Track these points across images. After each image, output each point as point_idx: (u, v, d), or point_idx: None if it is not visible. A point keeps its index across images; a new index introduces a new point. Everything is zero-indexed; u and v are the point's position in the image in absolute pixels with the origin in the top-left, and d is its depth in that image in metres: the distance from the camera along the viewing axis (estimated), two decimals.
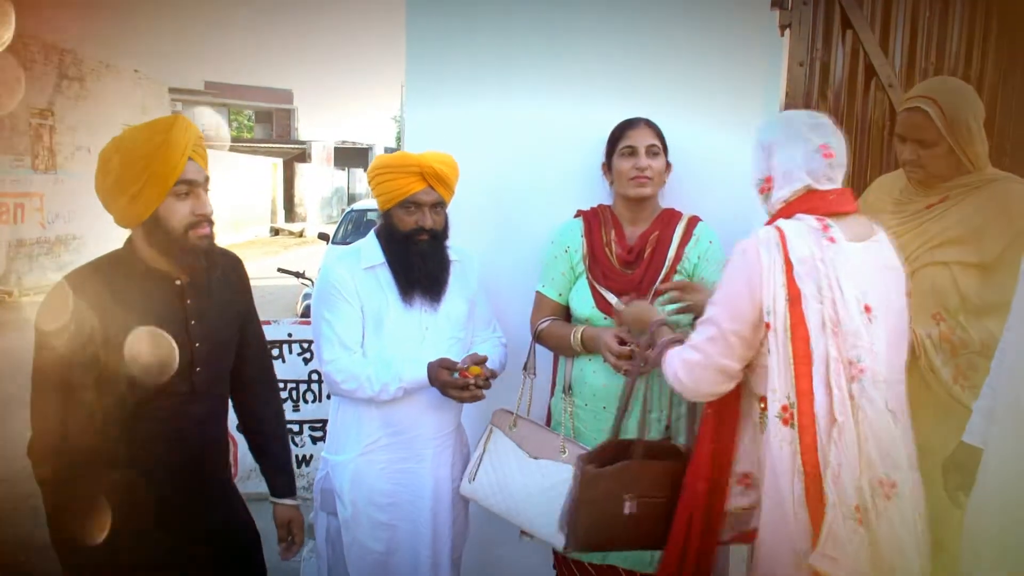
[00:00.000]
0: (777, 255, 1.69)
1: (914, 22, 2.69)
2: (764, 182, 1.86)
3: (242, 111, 36.44)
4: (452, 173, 2.36)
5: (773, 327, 1.68)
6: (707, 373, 1.78)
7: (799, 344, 1.66)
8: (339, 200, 31.08)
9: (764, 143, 1.86)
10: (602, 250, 2.41)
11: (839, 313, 1.65)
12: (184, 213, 1.80)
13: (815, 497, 1.63)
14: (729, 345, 1.75)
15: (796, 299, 1.66)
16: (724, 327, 1.75)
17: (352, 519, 2.37)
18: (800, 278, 1.67)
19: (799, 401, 1.66)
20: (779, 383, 1.69)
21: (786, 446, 1.68)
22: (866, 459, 1.64)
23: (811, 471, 1.64)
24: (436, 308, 2.38)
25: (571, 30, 2.69)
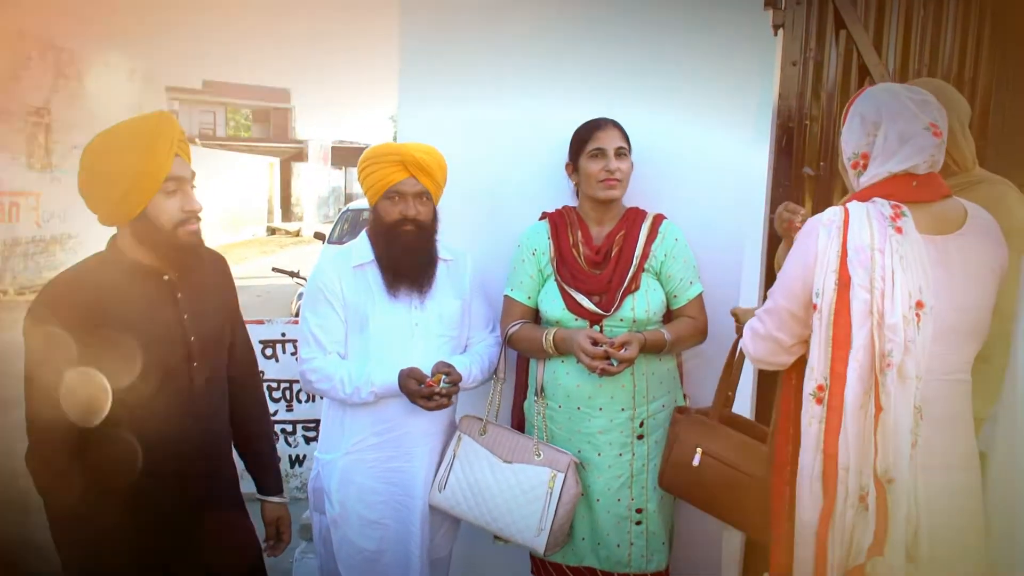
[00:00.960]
0: (836, 239, 1.70)
1: (908, 22, 2.68)
2: (860, 158, 1.80)
3: (239, 110, 36.41)
4: (435, 164, 2.36)
5: (819, 308, 1.71)
6: (765, 344, 1.86)
7: (841, 330, 1.68)
8: (336, 199, 31.08)
9: (868, 117, 1.78)
10: (570, 251, 2.42)
11: (885, 306, 1.65)
12: (173, 210, 1.80)
13: (830, 476, 1.69)
14: (782, 320, 1.81)
15: (846, 285, 1.67)
16: (779, 302, 1.82)
17: (341, 517, 2.37)
18: (853, 265, 1.67)
19: (832, 383, 1.69)
20: (817, 362, 1.72)
21: (815, 423, 1.73)
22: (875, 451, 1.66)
23: (830, 451, 1.69)
24: (425, 304, 2.38)
25: (563, 31, 2.69)
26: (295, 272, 6.73)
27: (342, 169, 32.66)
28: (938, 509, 1.71)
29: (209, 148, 22.99)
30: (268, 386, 4.07)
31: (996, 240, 1.79)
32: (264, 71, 55.53)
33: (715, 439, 2.18)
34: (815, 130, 2.77)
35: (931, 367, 1.68)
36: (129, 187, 1.76)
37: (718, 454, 2.15)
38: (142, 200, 1.77)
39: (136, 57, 16.27)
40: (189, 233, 1.83)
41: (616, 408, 2.36)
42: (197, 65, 31.58)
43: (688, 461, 2.17)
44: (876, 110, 1.77)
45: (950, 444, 1.74)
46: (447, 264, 2.47)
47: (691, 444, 2.18)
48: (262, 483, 2.19)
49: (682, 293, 2.41)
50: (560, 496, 2.27)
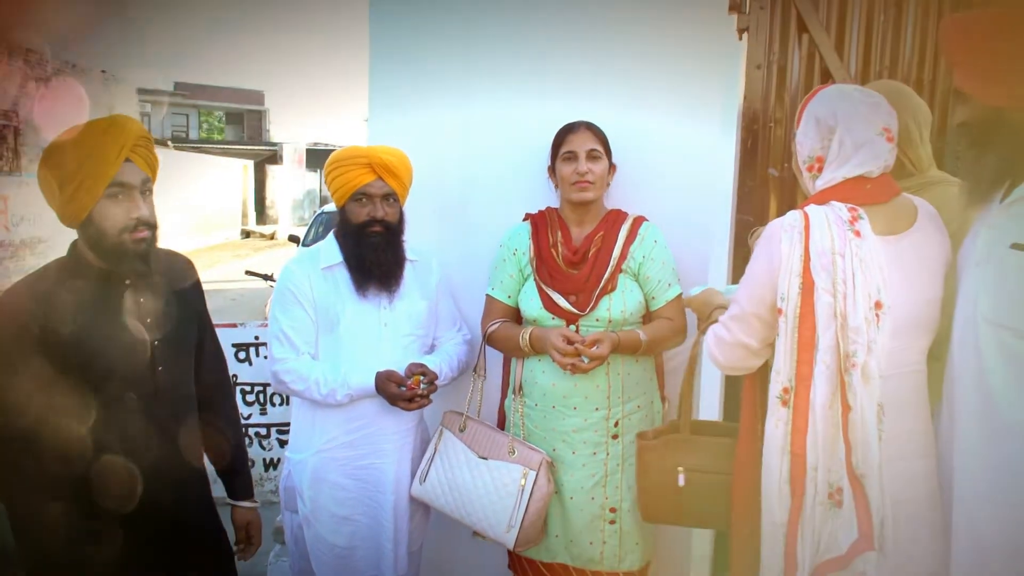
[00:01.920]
0: (798, 244, 1.73)
1: (869, 26, 2.74)
2: (815, 161, 1.83)
3: (213, 112, 36.10)
4: (402, 165, 2.38)
5: (784, 312, 1.74)
6: (732, 349, 1.88)
7: (806, 332, 1.72)
8: (311, 202, 30.87)
9: (824, 121, 1.81)
10: (548, 252, 2.45)
11: (847, 308, 1.69)
12: (118, 216, 1.76)
13: (798, 476, 1.72)
14: (749, 325, 1.84)
15: (809, 290, 1.71)
16: (745, 308, 1.84)
17: (312, 515, 2.39)
18: (816, 270, 1.71)
19: (798, 385, 1.73)
20: (783, 365, 1.76)
21: (781, 425, 1.77)
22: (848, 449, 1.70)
23: (798, 451, 1.73)
24: (394, 304, 2.40)
25: (532, 33, 2.72)
26: (269, 275, 6.69)
27: (317, 172, 32.48)
28: (901, 499, 1.78)
29: (182, 151, 22.78)
30: (242, 389, 4.06)
31: (943, 233, 1.87)
32: (238, 73, 55.11)
33: (694, 452, 2.10)
34: (779, 132, 2.82)
35: (889, 362, 1.74)
36: (74, 191, 1.73)
37: (703, 466, 2.07)
38: (87, 204, 1.74)
39: (107, 59, 16.07)
40: (136, 240, 1.78)
41: (590, 407, 2.38)
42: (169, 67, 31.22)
43: (671, 484, 2.07)
44: (831, 114, 1.81)
45: (909, 434, 1.81)
46: (413, 265, 2.51)
47: (670, 466, 2.09)
48: (232, 488, 2.19)
49: (660, 295, 2.44)
50: (531, 494, 2.30)
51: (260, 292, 9.25)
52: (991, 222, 1.78)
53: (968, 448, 1.78)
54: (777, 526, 1.79)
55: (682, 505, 2.09)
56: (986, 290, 1.75)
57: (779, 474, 1.77)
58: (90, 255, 1.80)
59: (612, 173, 2.50)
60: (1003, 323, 1.71)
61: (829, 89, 1.87)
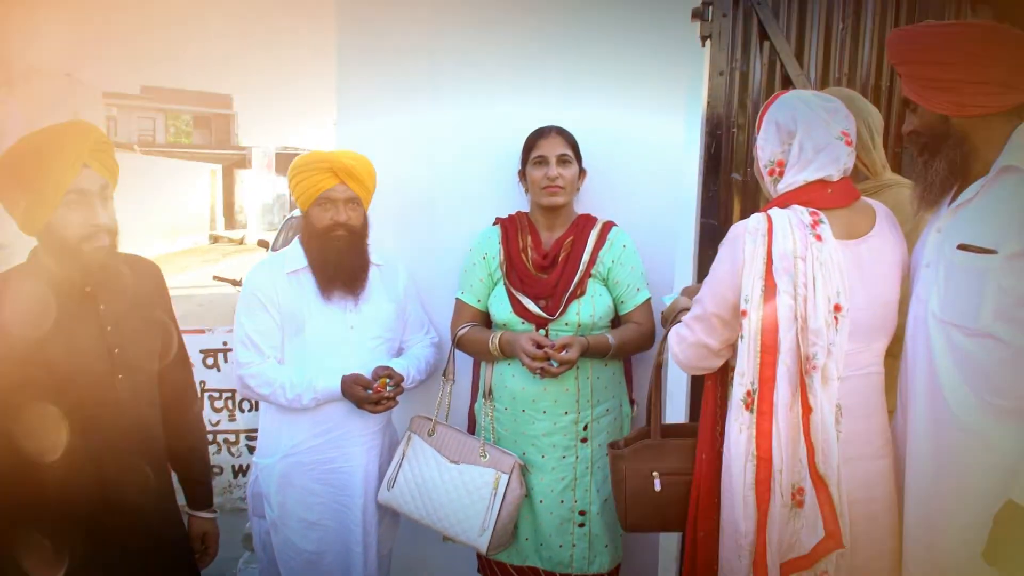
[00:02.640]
0: (761, 247, 1.76)
1: (827, 35, 2.80)
2: (776, 165, 1.86)
3: (180, 116, 35.70)
4: (364, 170, 2.40)
5: (748, 314, 1.77)
6: (693, 349, 1.92)
7: (768, 335, 1.75)
8: (281, 207, 30.62)
9: (784, 126, 1.85)
10: (518, 256, 2.47)
11: (808, 311, 1.73)
12: (75, 223, 1.74)
13: (764, 481, 1.75)
14: (711, 325, 1.87)
15: (771, 292, 1.75)
16: (708, 308, 1.87)
17: (280, 520, 2.39)
18: (778, 273, 1.74)
19: (761, 388, 1.76)
20: (747, 367, 1.79)
21: (744, 430, 1.79)
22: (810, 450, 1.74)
23: (764, 455, 1.76)
24: (360, 307, 2.41)
25: (497, 39, 2.75)
26: (237, 280, 6.64)
27: (286, 176, 32.24)
28: (859, 499, 1.82)
29: (149, 155, 22.50)
30: (210, 396, 4.03)
31: (900, 236, 1.92)
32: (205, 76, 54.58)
33: (666, 456, 2.10)
34: (742, 137, 2.86)
35: (847, 364, 1.78)
36: (32, 198, 1.72)
37: (677, 469, 2.07)
38: (44, 212, 1.72)
39: (72, 62, 15.85)
40: (95, 249, 1.77)
41: (560, 411, 2.40)
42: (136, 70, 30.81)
43: (648, 491, 2.07)
44: (791, 119, 1.85)
45: (866, 434, 1.85)
46: (380, 269, 2.52)
47: (645, 473, 2.09)
48: (191, 497, 2.18)
49: (629, 299, 2.47)
50: (504, 497, 2.31)
51: (229, 298, 9.16)
52: (939, 225, 1.85)
53: (920, 444, 1.84)
54: (742, 534, 1.80)
55: (662, 510, 2.09)
56: (936, 290, 1.81)
57: (743, 480, 1.79)
58: (50, 262, 1.78)
59: (582, 178, 2.53)
60: (951, 321, 1.77)
61: (788, 95, 1.91)
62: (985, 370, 1.73)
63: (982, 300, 1.72)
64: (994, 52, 1.76)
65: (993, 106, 1.78)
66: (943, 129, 1.82)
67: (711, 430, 1.96)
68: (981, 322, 1.72)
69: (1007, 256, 1.69)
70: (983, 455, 1.73)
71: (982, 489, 1.73)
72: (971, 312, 1.73)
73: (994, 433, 1.72)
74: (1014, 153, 1.75)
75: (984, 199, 1.78)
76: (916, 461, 1.86)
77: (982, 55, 1.76)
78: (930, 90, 1.80)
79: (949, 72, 1.77)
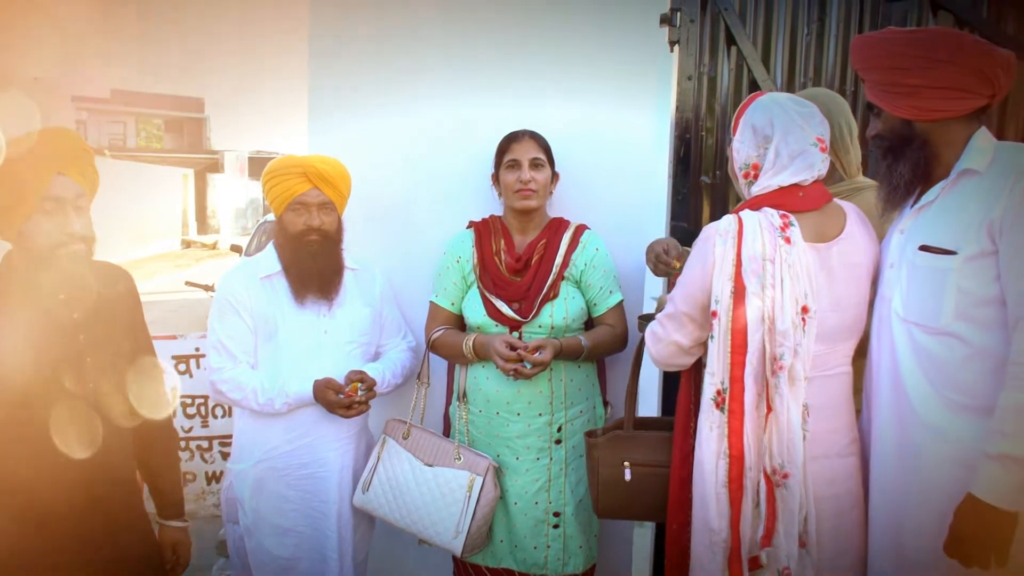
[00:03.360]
0: (731, 248, 1.79)
1: (793, 40, 2.85)
2: (751, 168, 1.88)
3: (151, 120, 35.31)
4: (338, 175, 2.40)
5: (718, 315, 1.80)
6: (664, 346, 1.95)
7: (737, 335, 1.78)
8: (254, 211, 30.40)
9: (760, 130, 1.88)
10: (492, 259, 2.48)
11: (775, 312, 1.77)
12: (50, 231, 1.73)
13: (736, 479, 1.78)
14: (682, 324, 1.90)
15: (741, 293, 1.77)
16: (679, 307, 1.90)
17: (254, 526, 2.38)
18: (747, 275, 1.77)
19: (731, 387, 1.80)
20: (717, 367, 1.82)
21: (716, 428, 1.82)
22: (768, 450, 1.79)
23: (736, 454, 1.79)
24: (334, 312, 2.41)
25: (470, 43, 2.76)
26: (210, 286, 6.59)
27: (260, 180, 32.01)
28: (826, 495, 1.86)
29: (120, 160, 22.24)
30: (182, 402, 4.00)
31: (872, 238, 1.96)
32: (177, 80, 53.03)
33: (638, 447, 2.16)
34: (710, 141, 2.90)
35: (815, 365, 1.82)
36: (5, 205, 1.71)
37: (647, 460, 2.14)
38: (17, 219, 1.72)
39: (40, 65, 15.63)
40: (69, 255, 1.76)
41: (534, 413, 2.41)
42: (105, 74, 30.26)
43: (619, 479, 2.14)
44: (768, 123, 1.87)
45: (833, 433, 1.89)
46: (355, 273, 2.52)
47: (617, 462, 2.15)
48: (161, 506, 2.16)
49: (602, 301, 2.48)
50: (478, 499, 2.32)
51: (201, 303, 9.08)
52: (902, 226, 1.90)
53: (884, 441, 1.88)
54: (715, 531, 1.83)
55: (631, 499, 2.15)
56: (899, 290, 1.85)
57: (715, 477, 1.82)
58: (23, 268, 1.77)
59: (555, 182, 2.55)
60: (913, 320, 1.82)
61: (764, 98, 1.93)
62: (946, 368, 1.77)
63: (943, 300, 1.76)
64: (954, 58, 1.80)
65: (953, 110, 1.83)
66: (906, 133, 1.86)
67: (685, 427, 1.99)
68: (942, 321, 1.77)
69: (966, 257, 1.74)
70: (945, 450, 1.77)
71: (944, 484, 1.77)
72: (933, 311, 1.78)
73: (955, 429, 1.76)
74: (972, 157, 1.80)
75: (944, 201, 1.83)
76: (880, 458, 1.90)
77: (942, 61, 1.80)
78: (892, 95, 1.85)
79: (910, 77, 1.82)
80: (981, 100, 1.83)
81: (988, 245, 1.72)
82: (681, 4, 2.81)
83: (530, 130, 2.50)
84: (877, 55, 1.87)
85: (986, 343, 1.74)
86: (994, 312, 1.73)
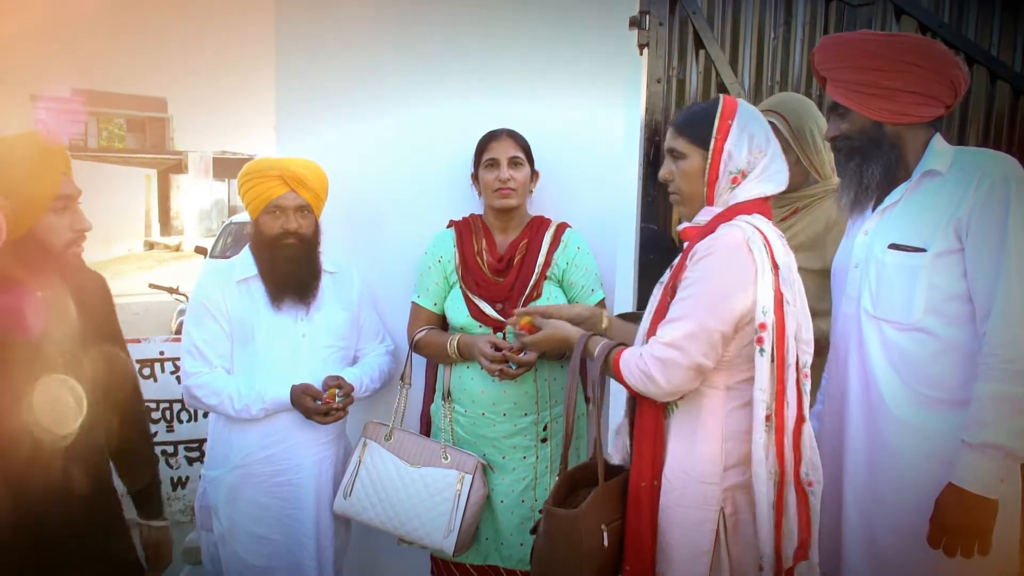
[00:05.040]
0: (766, 256, 1.67)
1: (760, 44, 2.89)
2: (740, 175, 1.77)
3: (113, 119, 34.73)
4: (315, 178, 2.38)
5: (767, 327, 1.66)
6: (685, 372, 1.70)
7: (780, 348, 1.67)
8: (219, 212, 30.03)
9: (756, 141, 1.79)
10: (474, 259, 2.47)
11: (800, 320, 1.71)
12: (63, 229, 1.75)
13: (779, 497, 1.68)
14: (712, 343, 1.69)
15: (780, 303, 1.67)
16: (709, 325, 1.68)
17: (229, 533, 2.35)
18: (784, 282, 1.69)
19: (775, 403, 1.68)
20: (767, 384, 1.67)
21: (769, 448, 1.69)
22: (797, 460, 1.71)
23: (781, 470, 1.68)
24: (311, 316, 2.39)
25: (441, 42, 2.75)
26: (174, 288, 6.49)
27: (225, 181, 31.64)
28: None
29: (81, 160, 21.85)
30: (147, 407, 3.94)
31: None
32: (139, 79, 52.23)
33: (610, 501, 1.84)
34: None
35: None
36: (16, 204, 1.69)
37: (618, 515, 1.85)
38: (29, 218, 1.71)
39: None
40: (76, 255, 1.79)
41: (519, 413, 2.41)
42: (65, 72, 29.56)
43: (598, 547, 1.79)
44: (765, 136, 1.79)
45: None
46: (332, 276, 2.49)
47: (595, 528, 1.80)
48: (141, 507, 2.13)
49: (584, 300, 2.47)
50: (468, 497, 2.31)
51: (165, 306, 8.95)
52: (866, 228, 1.94)
53: (855, 437, 1.92)
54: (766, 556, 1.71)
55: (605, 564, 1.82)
56: (867, 288, 1.90)
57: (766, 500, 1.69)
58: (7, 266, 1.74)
59: (535, 180, 2.55)
60: (884, 317, 1.86)
61: (751, 107, 1.84)
62: (917, 363, 1.82)
63: (914, 296, 1.81)
64: (930, 64, 1.85)
65: (920, 115, 1.88)
66: (877, 134, 1.90)
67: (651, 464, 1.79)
68: (913, 317, 1.82)
69: (935, 254, 1.80)
70: (918, 444, 1.82)
71: (918, 478, 1.81)
72: (903, 307, 1.83)
73: (927, 423, 1.81)
74: (934, 159, 1.86)
75: (908, 202, 1.88)
76: (853, 454, 1.93)
77: (919, 66, 1.85)
78: (866, 96, 1.87)
79: (887, 79, 1.85)
80: (942, 109, 1.88)
81: (955, 243, 1.78)
82: (650, 7, 2.83)
83: (508, 129, 2.50)
84: (852, 55, 1.90)
85: (955, 337, 1.80)
86: (961, 307, 1.79)
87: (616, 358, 1.79)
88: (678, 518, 1.77)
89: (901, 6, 2.79)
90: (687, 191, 1.84)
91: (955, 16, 2.83)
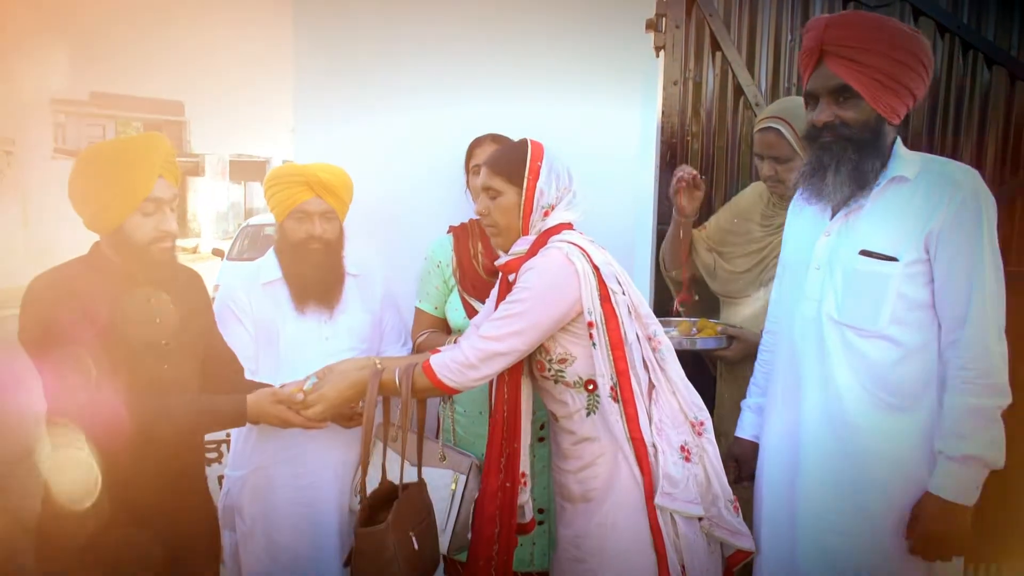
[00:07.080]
0: (586, 262, 1.89)
1: (777, 45, 2.88)
2: (551, 207, 2.00)
3: (130, 123, 35.03)
4: (340, 183, 2.39)
5: (595, 323, 1.89)
6: (505, 361, 1.92)
7: (613, 333, 1.90)
8: (236, 215, 30.19)
9: (561, 177, 2.01)
10: (470, 262, 2.50)
11: (634, 300, 1.96)
12: (148, 229, 1.88)
13: (642, 456, 1.90)
14: (532, 340, 1.91)
15: (606, 296, 1.89)
16: (540, 322, 1.88)
17: (251, 533, 2.37)
18: (606, 277, 1.90)
19: (619, 380, 1.91)
20: (604, 368, 1.91)
21: (619, 418, 1.93)
22: (680, 407, 1.97)
23: (636, 436, 1.91)
24: (335, 318, 2.41)
25: (459, 44, 2.77)
26: None
27: (241, 183, 31.81)
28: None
29: None
30: None
31: None
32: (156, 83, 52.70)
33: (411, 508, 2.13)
34: (696, 146, 2.93)
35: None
36: (106, 203, 1.84)
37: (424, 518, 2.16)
38: (119, 217, 1.85)
39: (18, 67, 15.50)
40: (161, 251, 1.91)
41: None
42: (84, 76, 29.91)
43: (411, 552, 2.06)
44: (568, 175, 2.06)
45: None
46: (356, 279, 2.50)
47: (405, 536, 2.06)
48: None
49: None
50: (463, 497, 2.32)
51: None
52: (829, 229, 1.92)
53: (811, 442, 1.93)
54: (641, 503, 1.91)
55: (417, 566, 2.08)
56: (832, 293, 1.89)
57: (628, 460, 1.92)
58: (114, 258, 1.90)
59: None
60: (848, 323, 1.87)
61: (555, 150, 2.05)
62: (878, 369, 1.84)
63: (882, 304, 1.82)
64: (928, 69, 1.84)
65: (900, 117, 1.87)
66: (877, 130, 1.85)
67: (497, 460, 2.02)
68: (879, 324, 1.83)
69: (906, 263, 1.80)
70: (876, 448, 1.84)
71: (875, 482, 1.84)
72: (870, 315, 1.83)
73: (883, 426, 1.84)
74: (901, 165, 1.85)
75: (875, 207, 1.86)
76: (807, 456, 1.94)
77: (924, 68, 1.83)
78: (882, 87, 1.80)
79: (905, 76, 1.80)
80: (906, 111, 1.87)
81: (923, 254, 1.79)
82: (666, 10, 2.83)
83: (493, 133, 2.52)
84: (883, 39, 1.79)
85: (915, 344, 1.82)
86: (923, 315, 1.82)
87: (424, 367, 1.96)
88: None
89: (919, 7, 2.78)
90: (504, 224, 2.01)
91: (974, 17, 2.82)
